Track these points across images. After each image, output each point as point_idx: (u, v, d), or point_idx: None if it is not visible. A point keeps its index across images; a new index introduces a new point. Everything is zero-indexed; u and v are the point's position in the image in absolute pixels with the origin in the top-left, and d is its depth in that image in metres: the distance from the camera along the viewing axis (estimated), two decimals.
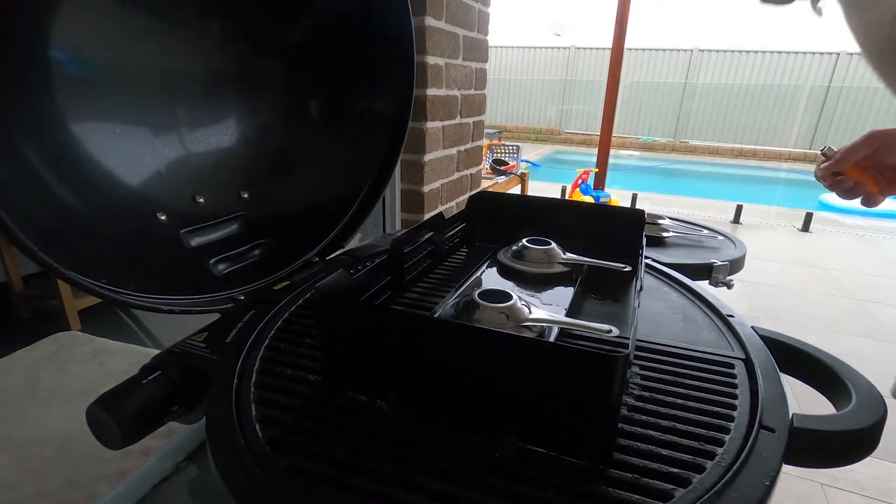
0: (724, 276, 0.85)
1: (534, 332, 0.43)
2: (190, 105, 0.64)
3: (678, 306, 0.54)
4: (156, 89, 0.60)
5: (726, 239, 1.05)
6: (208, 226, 0.65)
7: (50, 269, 0.42)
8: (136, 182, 0.58)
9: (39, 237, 0.42)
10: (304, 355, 0.45)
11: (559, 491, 0.31)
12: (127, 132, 0.58)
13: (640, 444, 0.34)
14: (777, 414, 0.36)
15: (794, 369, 0.45)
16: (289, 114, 0.74)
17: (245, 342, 0.46)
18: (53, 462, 0.58)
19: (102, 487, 0.55)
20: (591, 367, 0.31)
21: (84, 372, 0.76)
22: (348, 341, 0.40)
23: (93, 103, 0.54)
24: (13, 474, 0.57)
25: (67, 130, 0.52)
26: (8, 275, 2.06)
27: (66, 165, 0.51)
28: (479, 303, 0.44)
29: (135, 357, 0.80)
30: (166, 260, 0.61)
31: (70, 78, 0.51)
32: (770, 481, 0.30)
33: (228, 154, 0.69)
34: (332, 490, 0.31)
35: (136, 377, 0.43)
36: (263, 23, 0.69)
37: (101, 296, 0.47)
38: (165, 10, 0.59)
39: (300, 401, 0.39)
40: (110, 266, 0.51)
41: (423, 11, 1.19)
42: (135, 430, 0.41)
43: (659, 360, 0.43)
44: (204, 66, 0.65)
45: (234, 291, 0.62)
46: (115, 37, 0.55)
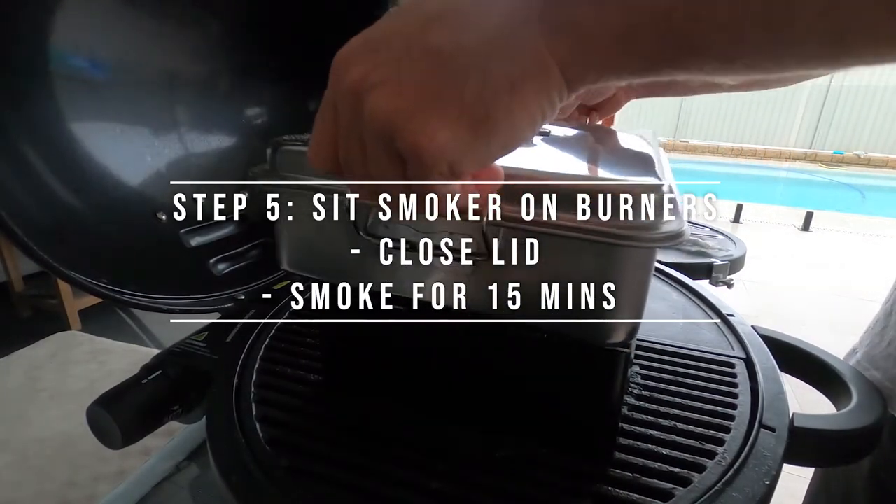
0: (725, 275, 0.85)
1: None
2: (190, 105, 0.64)
3: (678, 306, 0.54)
4: (156, 89, 0.60)
5: (726, 238, 1.05)
6: (208, 226, 0.65)
7: (50, 268, 0.42)
8: (137, 182, 0.59)
9: (39, 237, 0.42)
10: (304, 355, 0.45)
11: (559, 490, 0.31)
12: (127, 132, 0.58)
13: (641, 444, 0.34)
14: (777, 413, 0.36)
15: (794, 369, 0.45)
16: (289, 114, 0.74)
17: (245, 342, 0.46)
18: (53, 462, 0.58)
19: (102, 487, 0.55)
20: (592, 364, 0.31)
21: (84, 372, 0.76)
22: (349, 341, 0.40)
23: (93, 103, 0.54)
24: (14, 474, 0.57)
25: (68, 130, 0.52)
26: (8, 275, 2.06)
27: (67, 165, 0.51)
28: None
29: (135, 357, 0.81)
30: (166, 260, 0.61)
31: (70, 78, 0.51)
32: (770, 481, 0.30)
33: (228, 154, 0.69)
34: (332, 490, 0.31)
35: (136, 377, 0.43)
36: (263, 23, 0.69)
37: (101, 296, 0.47)
38: (166, 10, 0.59)
39: (301, 400, 0.39)
40: (110, 266, 0.51)
41: None
42: (135, 430, 0.41)
43: (659, 359, 0.43)
44: (204, 66, 0.65)
45: (234, 291, 0.62)
46: (115, 36, 0.55)
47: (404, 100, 0.19)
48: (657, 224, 0.25)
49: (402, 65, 0.20)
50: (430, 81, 0.19)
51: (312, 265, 0.37)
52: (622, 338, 0.29)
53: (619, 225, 0.25)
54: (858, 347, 0.48)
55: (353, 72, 0.20)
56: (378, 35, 0.21)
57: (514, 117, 0.20)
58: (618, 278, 0.28)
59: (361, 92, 0.20)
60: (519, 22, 0.19)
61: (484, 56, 0.19)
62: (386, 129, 0.20)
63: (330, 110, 0.22)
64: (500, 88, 0.19)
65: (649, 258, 0.28)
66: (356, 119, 0.20)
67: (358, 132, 0.21)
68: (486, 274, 0.30)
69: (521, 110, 0.20)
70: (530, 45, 0.19)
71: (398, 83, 0.19)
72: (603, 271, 0.28)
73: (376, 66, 0.20)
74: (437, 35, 0.19)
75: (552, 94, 0.20)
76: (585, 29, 0.19)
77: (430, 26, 0.20)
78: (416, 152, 0.19)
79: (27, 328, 2.06)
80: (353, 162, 0.22)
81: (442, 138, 0.19)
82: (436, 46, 0.19)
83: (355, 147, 0.21)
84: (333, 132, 0.22)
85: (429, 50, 0.19)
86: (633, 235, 0.25)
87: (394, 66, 0.20)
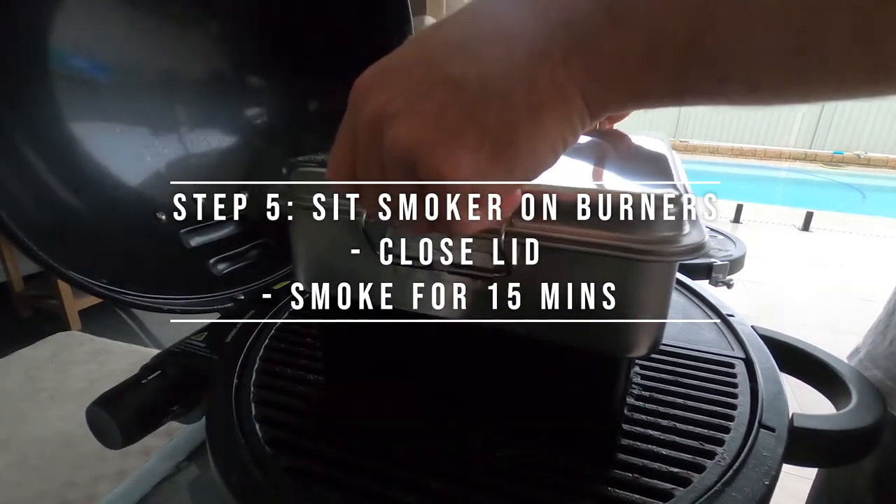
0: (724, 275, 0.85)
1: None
2: (190, 105, 0.64)
3: (678, 306, 0.54)
4: (156, 89, 0.60)
5: (726, 238, 1.05)
6: (208, 226, 0.65)
7: (50, 268, 0.42)
8: (136, 182, 0.59)
9: (39, 237, 0.42)
10: (304, 355, 0.45)
11: (559, 491, 0.31)
12: (127, 132, 0.58)
13: (640, 444, 0.34)
14: (777, 414, 0.36)
15: (794, 369, 0.45)
16: (289, 114, 0.74)
17: (245, 342, 0.46)
18: (53, 462, 0.58)
19: (102, 487, 0.55)
20: (596, 367, 0.31)
21: (84, 372, 0.76)
22: (349, 341, 0.40)
23: (93, 103, 0.54)
24: (14, 474, 0.57)
25: (68, 130, 0.52)
26: (8, 275, 2.07)
27: (67, 165, 0.51)
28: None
29: (135, 357, 0.81)
30: (166, 260, 0.61)
31: (70, 78, 0.51)
32: (770, 481, 0.30)
33: (228, 154, 0.69)
34: (332, 490, 0.31)
35: (135, 377, 0.43)
36: (263, 23, 0.69)
37: (101, 296, 0.47)
38: (166, 10, 0.59)
39: (301, 400, 0.39)
40: (110, 266, 0.51)
41: (423, 11, 1.19)
42: (135, 430, 0.41)
43: (659, 359, 0.43)
44: (204, 66, 0.65)
45: (234, 291, 0.62)
46: (115, 36, 0.55)
47: (426, 129, 0.19)
48: (678, 238, 0.25)
49: (422, 94, 0.20)
50: (451, 111, 0.19)
51: (328, 280, 0.37)
52: (644, 352, 0.29)
53: (639, 240, 0.25)
54: (861, 347, 0.48)
55: (373, 100, 0.20)
56: (397, 63, 0.21)
57: (536, 145, 0.20)
58: (639, 293, 0.28)
59: (382, 121, 0.20)
60: (540, 51, 0.19)
61: (505, 85, 0.19)
62: (408, 158, 0.20)
63: (349, 135, 0.22)
64: (521, 117, 0.19)
65: (670, 271, 0.28)
66: (376, 147, 0.21)
67: (378, 159, 0.21)
68: (503, 289, 0.30)
69: (543, 138, 0.20)
70: (552, 74, 0.19)
71: (419, 112, 0.19)
72: (625, 286, 0.27)
73: (396, 95, 0.20)
74: (458, 65, 0.19)
75: (574, 121, 0.20)
76: (609, 58, 0.18)
77: (451, 56, 0.20)
78: (437, 180, 0.20)
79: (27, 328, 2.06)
80: (370, 180, 0.22)
81: (465, 168, 0.19)
82: (457, 76, 0.19)
83: (374, 172, 0.21)
84: (352, 156, 0.22)
85: (450, 79, 0.19)
86: (653, 250, 0.25)
87: (414, 95, 0.20)
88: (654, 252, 0.25)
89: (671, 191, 0.26)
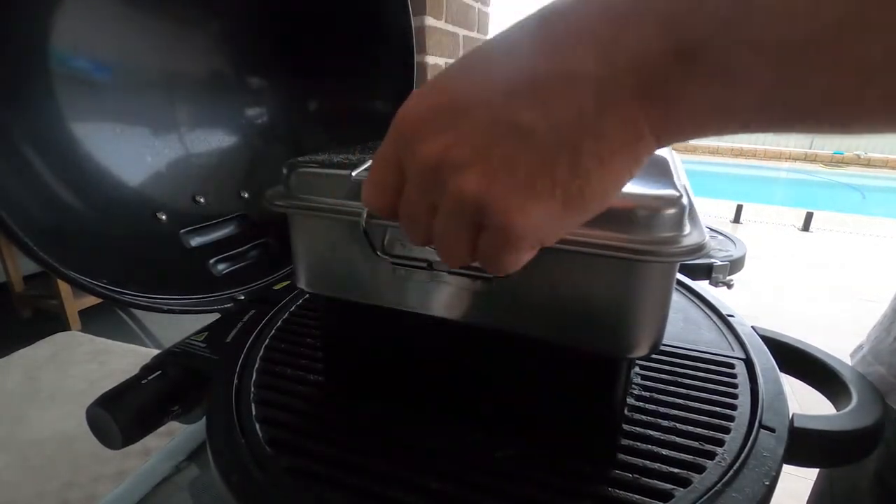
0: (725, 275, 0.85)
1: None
2: (190, 105, 0.64)
3: (678, 306, 0.54)
4: (156, 89, 0.60)
5: (726, 238, 1.05)
6: (208, 226, 0.65)
7: (50, 268, 0.42)
8: (137, 182, 0.59)
9: (39, 237, 0.42)
10: (304, 355, 0.45)
11: (559, 491, 0.31)
12: (127, 132, 0.58)
13: (641, 444, 0.34)
14: (777, 414, 0.36)
15: (794, 369, 0.45)
16: (289, 114, 0.74)
17: (245, 342, 0.46)
18: (53, 462, 0.58)
19: (102, 487, 0.55)
20: (596, 368, 0.31)
21: (84, 372, 0.76)
22: (349, 341, 0.40)
23: (93, 103, 0.54)
24: (13, 474, 0.57)
25: (68, 130, 0.52)
26: (8, 275, 2.07)
27: (67, 165, 0.52)
28: None
29: (135, 357, 0.81)
30: (166, 260, 0.61)
31: (70, 78, 0.51)
32: (770, 481, 0.30)
33: (228, 154, 0.69)
34: (332, 490, 0.31)
35: (135, 377, 0.43)
36: (264, 23, 0.69)
37: (101, 296, 0.47)
38: (166, 10, 0.59)
39: (301, 401, 0.39)
40: (110, 266, 0.51)
41: (423, 11, 1.19)
42: (135, 430, 0.41)
43: (659, 359, 0.43)
44: (204, 66, 0.65)
45: (234, 291, 0.62)
46: (115, 37, 0.55)
47: (495, 181, 0.19)
48: (678, 238, 0.25)
49: (490, 143, 0.19)
50: (520, 162, 0.19)
51: (330, 285, 0.37)
52: (645, 352, 0.29)
53: (640, 241, 0.25)
54: (865, 343, 0.48)
55: (433, 143, 0.20)
56: (453, 103, 0.20)
57: (606, 188, 0.20)
58: (640, 293, 0.28)
59: (445, 168, 0.20)
60: (609, 98, 0.18)
61: (576, 136, 0.18)
62: (474, 207, 0.20)
63: (394, 170, 0.22)
64: (592, 166, 0.19)
65: (671, 272, 0.28)
66: (434, 191, 0.20)
67: (431, 200, 0.21)
68: (504, 291, 0.30)
69: (614, 182, 0.20)
70: (622, 120, 0.18)
71: (488, 163, 0.19)
72: (625, 286, 0.27)
73: (458, 142, 0.19)
74: (526, 112, 0.19)
75: (642, 158, 0.20)
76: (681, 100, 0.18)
77: (512, 98, 0.19)
78: (507, 229, 0.20)
79: (27, 328, 2.06)
80: (417, 217, 0.22)
81: (536, 217, 0.19)
82: (526, 125, 0.19)
83: (422, 207, 0.21)
84: (395, 189, 0.22)
85: (518, 128, 0.19)
86: (653, 251, 0.25)
87: (481, 143, 0.19)
88: (654, 253, 0.25)
89: (671, 191, 0.26)
